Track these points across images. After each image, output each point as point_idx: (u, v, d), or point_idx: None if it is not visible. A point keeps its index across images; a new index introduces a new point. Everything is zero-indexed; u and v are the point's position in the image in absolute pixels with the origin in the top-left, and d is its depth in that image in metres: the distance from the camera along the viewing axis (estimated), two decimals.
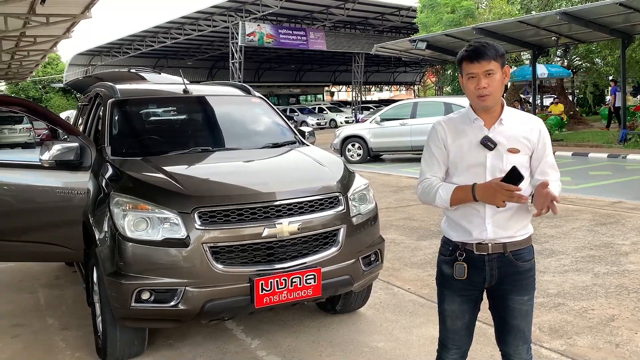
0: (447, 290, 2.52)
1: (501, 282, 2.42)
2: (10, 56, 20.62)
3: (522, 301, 2.43)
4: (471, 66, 2.31)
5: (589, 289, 4.83)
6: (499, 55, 2.32)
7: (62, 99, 48.57)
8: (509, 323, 2.47)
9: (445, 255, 2.50)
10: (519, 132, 2.38)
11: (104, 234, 3.61)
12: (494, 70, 2.30)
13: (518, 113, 2.46)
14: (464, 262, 2.41)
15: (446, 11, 25.44)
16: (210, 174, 4.08)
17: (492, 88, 2.31)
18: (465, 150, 2.39)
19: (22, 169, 4.48)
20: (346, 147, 16.52)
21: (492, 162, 2.35)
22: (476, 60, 2.30)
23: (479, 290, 2.47)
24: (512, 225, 2.38)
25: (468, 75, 2.34)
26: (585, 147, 16.50)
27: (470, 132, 2.40)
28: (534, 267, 2.48)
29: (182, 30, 37.55)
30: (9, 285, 5.71)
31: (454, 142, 2.41)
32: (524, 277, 2.43)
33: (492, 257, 2.39)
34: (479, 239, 2.38)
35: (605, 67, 24.00)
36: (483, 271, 2.41)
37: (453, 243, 2.46)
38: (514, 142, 2.36)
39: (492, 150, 2.34)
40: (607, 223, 7.16)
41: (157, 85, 5.72)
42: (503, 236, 2.38)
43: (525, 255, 2.43)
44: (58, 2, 11.86)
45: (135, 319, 3.53)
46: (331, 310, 4.51)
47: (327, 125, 38.45)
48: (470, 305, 2.50)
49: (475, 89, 2.32)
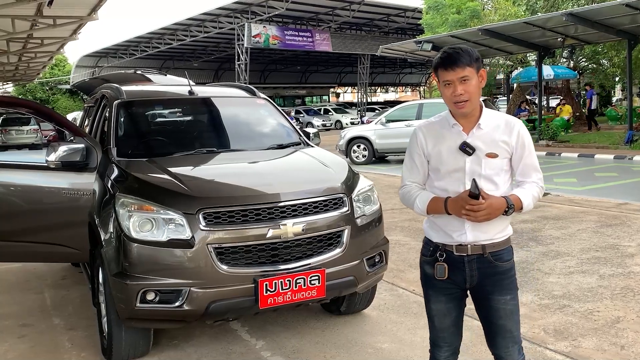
0: (431, 290, 2.56)
1: (482, 283, 2.45)
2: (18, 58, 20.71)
3: (505, 301, 2.45)
4: (446, 73, 2.32)
5: (595, 290, 4.82)
6: (473, 60, 2.32)
7: (68, 101, 48.76)
8: (495, 324, 2.48)
9: (427, 256, 2.54)
10: (498, 136, 2.39)
11: (109, 235, 3.63)
12: (469, 77, 2.31)
13: (497, 116, 2.46)
14: (444, 262, 2.45)
15: (452, 12, 25.40)
16: (215, 175, 4.10)
17: (468, 94, 2.32)
18: (444, 155, 2.42)
19: (29, 170, 4.51)
20: (351, 149, 16.53)
21: (471, 166, 2.38)
22: (450, 67, 2.30)
23: (462, 289, 2.50)
24: (491, 229, 2.40)
25: (444, 82, 2.34)
26: (591, 149, 16.45)
27: (450, 137, 2.42)
28: (513, 267, 2.50)
29: (188, 31, 37.65)
30: (15, 286, 5.74)
31: (434, 148, 2.45)
32: (504, 277, 2.45)
33: (471, 258, 2.42)
34: (458, 242, 2.42)
35: (612, 68, 23.91)
36: (463, 272, 2.44)
37: (434, 244, 2.50)
38: (493, 147, 2.38)
39: (471, 155, 2.37)
40: (613, 225, 7.14)
41: (163, 87, 5.74)
42: (482, 239, 2.41)
43: (504, 256, 2.46)
44: (65, 4, 11.90)
45: (140, 320, 3.55)
46: (335, 312, 4.52)
47: (332, 126, 38.46)
48: (455, 303, 2.53)
49: (452, 95, 2.33)
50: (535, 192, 2.42)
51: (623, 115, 21.26)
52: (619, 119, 22.36)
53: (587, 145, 17.16)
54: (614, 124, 22.39)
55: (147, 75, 6.28)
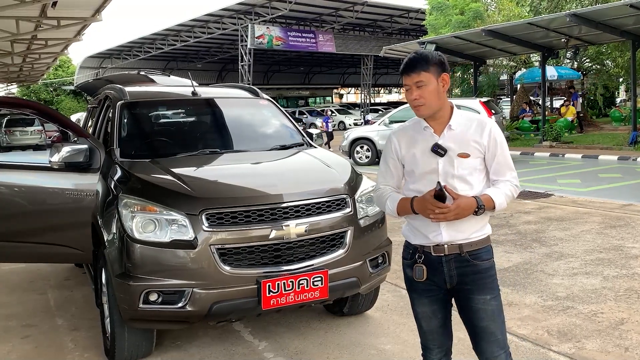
0: (414, 294, 2.57)
1: (462, 282, 2.46)
2: (22, 59, 20.75)
3: (485, 300, 2.45)
4: (405, 78, 2.39)
5: (598, 292, 4.80)
6: (431, 65, 2.35)
7: (73, 102, 48.84)
8: (477, 326, 2.48)
9: (407, 259, 2.56)
10: (469, 135, 2.42)
11: (112, 236, 3.64)
12: (424, 82, 2.35)
13: (468, 116, 2.48)
14: (423, 264, 2.47)
15: (455, 13, 25.35)
16: (218, 176, 4.10)
17: (424, 99, 2.36)
18: (418, 158, 2.46)
19: (32, 170, 4.52)
20: (355, 149, 16.52)
21: (444, 168, 2.40)
22: (406, 72, 2.38)
23: (444, 290, 2.50)
24: (467, 228, 2.42)
25: (405, 86, 2.41)
26: (595, 150, 16.41)
27: (422, 140, 2.46)
28: (493, 266, 2.50)
29: (192, 33, 37.71)
30: (19, 286, 5.76)
31: (408, 152, 2.50)
32: (484, 276, 2.46)
33: (449, 257, 2.44)
34: (435, 242, 2.44)
35: (616, 69, 23.84)
36: (442, 272, 2.46)
37: (412, 246, 2.53)
38: (464, 147, 2.40)
39: (443, 156, 2.40)
40: (617, 226, 7.11)
41: (166, 88, 5.75)
42: (459, 238, 2.43)
43: (482, 255, 2.46)
44: (69, 5, 11.92)
45: (143, 320, 3.55)
46: (338, 313, 4.51)
47: (335, 127, 38.44)
48: (440, 305, 2.54)
49: (410, 99, 2.40)
50: (509, 191, 2.43)
51: (627, 116, 21.21)
52: (623, 119, 22.30)
53: (591, 146, 17.12)
54: (618, 125, 22.33)
55: (150, 76, 6.29)
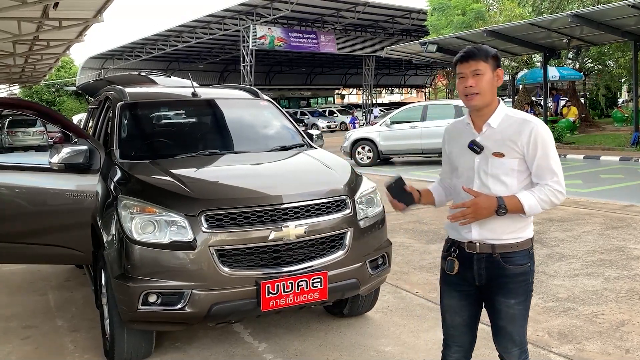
0: (445, 286, 2.59)
1: (491, 284, 2.45)
2: (24, 60, 20.79)
3: (508, 304, 2.42)
4: (461, 66, 2.39)
5: (599, 293, 4.79)
6: (489, 57, 2.37)
7: (74, 102, 48.92)
8: (496, 324, 2.51)
9: (444, 251, 2.61)
10: (507, 135, 2.37)
11: (111, 237, 3.63)
12: (481, 70, 2.35)
13: (513, 115, 2.41)
14: (456, 258, 2.49)
15: (456, 14, 25.36)
16: (217, 177, 4.09)
17: (479, 87, 2.35)
18: (459, 154, 2.50)
19: (33, 171, 4.51)
20: (356, 150, 16.50)
21: (479, 165, 2.41)
22: (465, 60, 2.38)
23: (474, 287, 2.50)
24: (497, 228, 2.39)
25: (459, 75, 2.41)
26: (597, 150, 16.38)
27: (465, 135, 2.48)
28: (527, 272, 2.43)
29: (194, 33, 37.74)
30: (20, 287, 5.76)
31: (452, 147, 2.56)
32: (513, 280, 2.41)
33: (480, 256, 2.43)
34: (466, 238, 2.46)
35: (618, 69, 23.80)
36: (472, 269, 2.46)
37: (450, 240, 2.57)
38: (500, 146, 2.37)
39: (479, 153, 2.40)
40: (619, 227, 7.09)
41: (166, 89, 5.75)
42: (489, 237, 2.41)
43: (516, 260, 2.41)
44: (70, 6, 11.95)
45: (142, 322, 3.55)
46: (338, 314, 4.50)
47: (337, 128, 38.46)
48: (469, 302, 2.53)
49: (463, 87, 2.39)
50: (545, 195, 2.32)
51: (629, 117, 21.17)
52: (625, 120, 22.27)
53: (592, 147, 17.09)
54: (620, 126, 22.31)
55: (151, 77, 6.29)
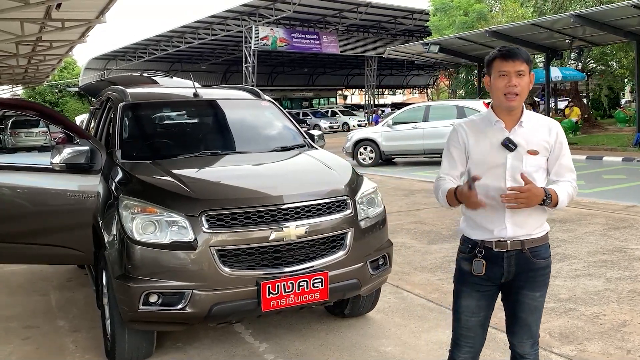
0: (464, 287, 2.58)
1: (516, 278, 2.50)
2: (27, 60, 20.86)
3: (534, 297, 2.51)
4: (505, 64, 2.39)
5: (601, 294, 4.78)
6: (529, 60, 2.42)
7: (77, 103, 49.04)
8: (517, 316, 2.55)
9: (465, 253, 2.57)
10: (538, 134, 2.46)
11: (112, 237, 3.64)
12: (524, 72, 2.39)
13: (537, 116, 2.54)
14: (483, 259, 2.48)
15: (459, 14, 25.36)
16: (218, 177, 4.10)
17: (520, 88, 2.39)
18: (486, 151, 2.47)
19: (35, 172, 4.52)
20: (358, 151, 16.50)
21: (512, 162, 2.43)
22: (510, 58, 2.38)
23: (495, 286, 2.54)
24: (528, 224, 2.46)
25: (500, 72, 2.40)
26: (599, 151, 16.35)
27: (491, 134, 2.48)
28: (550, 265, 2.55)
29: (197, 34, 37.78)
30: (21, 287, 5.77)
31: (476, 144, 2.51)
32: (539, 274, 2.50)
33: (510, 253, 2.46)
34: (498, 237, 2.46)
35: (620, 70, 23.78)
36: (501, 267, 2.48)
37: (472, 241, 2.54)
38: (533, 144, 2.44)
39: (513, 151, 2.42)
40: (621, 227, 7.08)
41: (168, 89, 5.76)
42: (521, 234, 2.45)
43: (542, 253, 2.51)
44: (73, 7, 11.97)
45: (143, 322, 3.55)
46: (339, 314, 4.50)
47: (339, 128, 38.48)
48: (487, 302, 2.56)
49: (506, 86, 2.39)
50: (570, 190, 2.46)
51: (632, 117, 21.13)
52: (628, 120, 22.24)
53: (595, 147, 17.06)
54: (623, 126, 22.29)
55: (152, 77, 6.30)
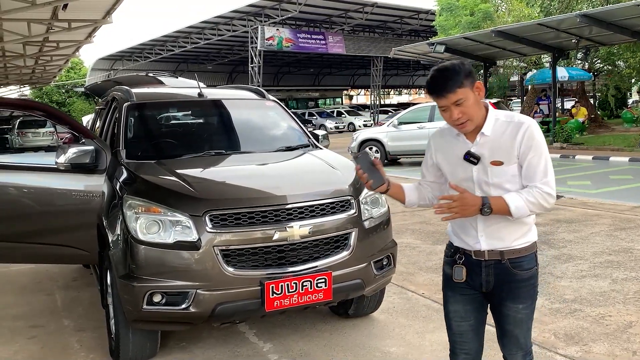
0: (450, 292, 2.51)
1: (498, 289, 2.39)
2: (34, 61, 20.95)
3: (517, 309, 2.39)
4: (438, 100, 2.23)
5: (607, 295, 4.75)
6: (464, 78, 2.18)
7: (84, 103, 49.17)
8: (503, 328, 2.47)
9: (448, 257, 2.53)
10: (503, 141, 2.27)
11: (116, 237, 3.65)
12: (463, 98, 2.19)
13: (505, 118, 2.31)
14: (463, 265, 2.42)
15: (465, 14, 25.25)
16: (222, 177, 4.10)
17: (467, 115, 2.23)
18: (454, 165, 2.39)
19: (40, 172, 4.54)
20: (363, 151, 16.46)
21: (478, 176, 2.32)
22: (439, 94, 2.20)
23: (480, 293, 2.45)
24: (506, 236, 2.34)
25: (440, 107, 2.26)
26: (606, 151, 16.26)
27: (457, 146, 2.37)
28: (534, 276, 2.41)
29: (202, 35, 37.83)
30: (27, 287, 5.79)
31: (443, 157, 2.45)
32: (521, 285, 2.37)
33: (489, 263, 2.37)
34: (475, 248, 2.39)
35: (627, 70, 23.63)
36: (480, 276, 2.39)
37: (454, 246, 2.49)
38: (497, 154, 2.27)
39: (477, 164, 2.30)
40: (627, 228, 7.04)
41: (173, 89, 5.77)
42: (498, 246, 2.35)
43: (524, 264, 2.37)
44: (79, 8, 12.01)
45: (147, 321, 3.56)
46: (344, 314, 4.50)
47: (345, 128, 38.45)
48: (475, 306, 2.47)
49: (450, 120, 2.26)
50: (532, 197, 2.22)
51: (639, 117, 21.02)
52: (635, 121, 22.11)
53: (602, 148, 16.97)
54: (630, 126, 22.16)
55: (158, 77, 6.32)
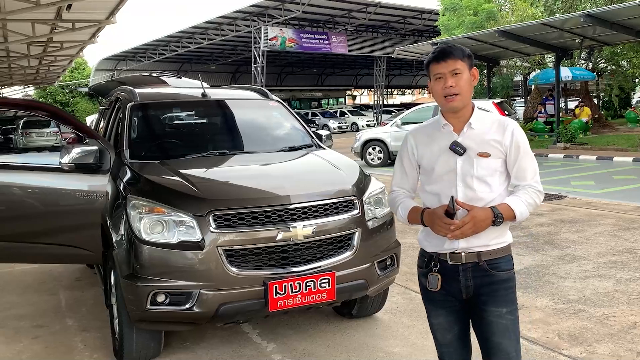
0: (429, 304, 2.45)
1: (478, 293, 2.32)
2: (38, 61, 21.04)
3: (500, 313, 2.30)
4: (437, 66, 2.28)
5: (611, 295, 4.74)
6: (465, 56, 2.28)
7: (88, 103, 49.29)
8: (490, 341, 2.33)
9: (422, 267, 2.45)
10: (490, 135, 2.30)
11: (120, 237, 3.66)
12: (460, 70, 2.26)
13: (490, 116, 2.38)
14: (438, 272, 2.34)
15: (468, 14, 25.22)
16: (226, 177, 4.11)
17: (459, 87, 2.26)
18: (435, 157, 2.35)
19: (44, 172, 4.55)
20: (367, 151, 16.48)
21: (463, 167, 2.30)
22: (442, 59, 2.27)
23: (460, 301, 2.37)
24: (485, 234, 2.28)
25: (435, 76, 2.30)
26: (610, 151, 16.20)
27: (440, 138, 2.35)
28: (512, 278, 2.36)
29: (206, 35, 37.89)
30: (31, 287, 5.81)
31: (425, 151, 2.39)
32: (501, 287, 2.32)
33: (466, 266, 2.31)
34: (451, 248, 2.31)
35: (631, 69, 23.55)
36: (458, 282, 2.33)
37: (428, 254, 2.41)
38: (484, 146, 2.29)
39: (462, 155, 2.29)
40: (631, 228, 7.02)
41: (176, 90, 5.78)
42: (476, 245, 2.29)
43: (502, 265, 2.33)
44: (83, 8, 12.06)
45: (150, 321, 3.56)
46: (347, 315, 4.50)
47: (348, 128, 38.45)
48: (457, 317, 2.41)
49: (442, 88, 2.28)
50: (531, 199, 2.28)
51: None
52: (639, 121, 22.05)
53: (605, 148, 16.91)
54: (634, 126, 22.10)
55: (161, 77, 6.33)
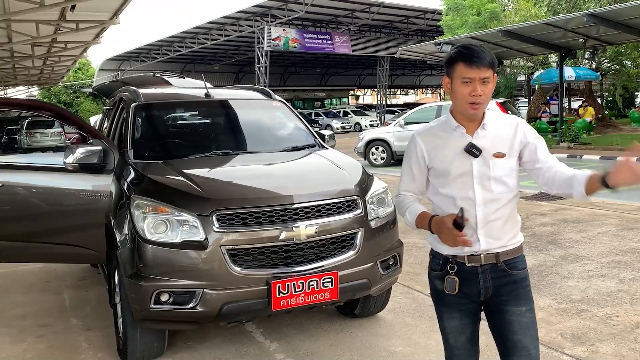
0: (443, 307, 2.40)
1: (497, 294, 2.30)
2: (42, 62, 21.10)
3: (520, 312, 2.28)
4: (468, 70, 2.17)
5: (614, 295, 4.74)
6: (494, 64, 2.20)
7: (92, 104, 49.39)
8: (510, 340, 2.29)
9: (437, 270, 2.38)
10: (503, 135, 2.27)
11: (124, 236, 3.67)
12: (489, 79, 2.20)
13: (498, 115, 2.34)
14: (455, 275, 2.29)
15: (471, 14, 25.22)
16: (229, 177, 4.12)
17: (485, 97, 2.20)
18: (449, 160, 2.28)
19: (48, 172, 4.57)
20: (370, 151, 16.49)
21: (479, 169, 2.25)
22: (475, 65, 2.16)
23: (476, 303, 2.35)
24: (504, 235, 2.28)
25: (463, 79, 2.19)
26: (613, 151, 16.15)
27: (452, 141, 2.29)
28: (528, 276, 2.36)
29: (209, 35, 37.95)
30: (35, 286, 5.83)
31: (437, 154, 2.31)
32: (520, 286, 2.31)
33: (485, 268, 2.28)
34: (471, 251, 2.26)
35: (635, 69, 23.50)
36: (477, 284, 2.29)
37: (443, 256, 2.35)
38: (499, 146, 2.26)
39: (478, 157, 2.24)
40: (634, 228, 7.01)
41: (180, 90, 5.79)
42: (496, 246, 2.27)
43: (518, 264, 2.32)
44: (87, 9, 12.11)
45: (154, 321, 3.58)
46: (350, 314, 4.51)
47: (351, 128, 38.45)
48: (470, 319, 2.38)
49: (470, 95, 2.18)
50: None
51: None
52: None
53: (609, 148, 16.87)
54: (638, 126, 22.04)
55: (165, 78, 6.35)
